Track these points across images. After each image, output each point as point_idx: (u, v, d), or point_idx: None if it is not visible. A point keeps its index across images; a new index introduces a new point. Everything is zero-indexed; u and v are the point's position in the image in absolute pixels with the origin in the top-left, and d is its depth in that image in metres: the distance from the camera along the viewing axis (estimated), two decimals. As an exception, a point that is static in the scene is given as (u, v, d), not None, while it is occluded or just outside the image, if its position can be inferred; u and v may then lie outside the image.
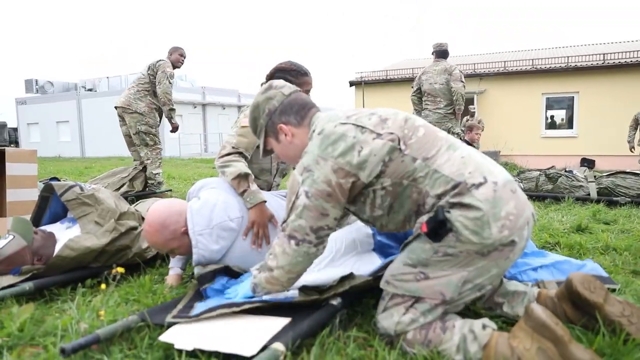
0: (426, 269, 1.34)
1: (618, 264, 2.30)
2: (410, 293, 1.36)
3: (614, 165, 10.18)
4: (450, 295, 1.33)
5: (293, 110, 1.57)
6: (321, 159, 1.38)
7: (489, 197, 1.29)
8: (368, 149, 1.36)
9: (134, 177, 4.83)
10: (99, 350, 1.38)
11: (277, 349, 1.24)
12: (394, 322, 1.36)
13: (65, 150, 25.26)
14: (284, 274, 1.46)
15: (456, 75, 5.46)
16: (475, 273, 1.33)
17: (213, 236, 1.80)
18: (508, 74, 12.70)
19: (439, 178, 1.34)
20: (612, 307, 1.37)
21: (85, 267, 2.09)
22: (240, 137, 2.17)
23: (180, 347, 1.30)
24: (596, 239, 2.85)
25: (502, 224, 1.28)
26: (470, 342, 1.28)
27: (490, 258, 1.31)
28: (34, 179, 3.35)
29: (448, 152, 1.39)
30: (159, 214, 1.83)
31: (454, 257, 1.31)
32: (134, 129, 4.84)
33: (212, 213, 1.83)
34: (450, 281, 1.32)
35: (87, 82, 28.07)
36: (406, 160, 1.36)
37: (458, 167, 1.35)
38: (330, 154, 1.37)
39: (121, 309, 1.72)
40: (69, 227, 2.31)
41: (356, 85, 14.58)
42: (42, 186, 2.39)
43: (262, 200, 1.98)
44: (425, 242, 1.34)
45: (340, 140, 1.37)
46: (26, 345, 1.46)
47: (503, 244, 1.30)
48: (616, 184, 4.49)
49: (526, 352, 1.20)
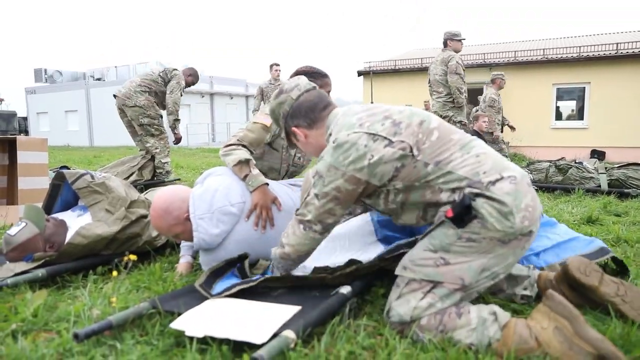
0: (447, 255, 1.36)
1: (630, 255, 2.28)
2: (429, 278, 1.37)
3: (625, 157, 10.05)
4: (469, 281, 1.35)
5: (302, 113, 1.63)
6: (333, 167, 1.44)
7: (509, 190, 1.33)
8: (378, 156, 1.39)
9: (142, 166, 4.86)
10: (111, 336, 1.40)
11: (288, 336, 1.24)
12: (410, 307, 1.37)
13: (74, 139, 25.45)
14: (293, 251, 1.59)
15: (452, 67, 5.41)
16: (494, 261, 1.35)
17: (213, 220, 1.82)
18: (518, 63, 12.54)
19: (451, 177, 1.38)
20: (606, 288, 1.46)
21: (96, 254, 2.12)
22: (248, 132, 2.19)
23: (191, 334, 1.31)
24: (607, 230, 2.83)
25: (523, 215, 1.32)
26: (490, 324, 1.31)
27: (510, 246, 1.34)
28: (44, 167, 3.39)
29: (462, 152, 1.42)
30: (163, 200, 1.85)
31: (477, 243, 1.34)
32: (137, 122, 4.83)
33: (213, 198, 1.86)
34: (471, 267, 1.35)
35: (95, 71, 28.14)
36: (418, 166, 1.40)
37: (473, 167, 1.38)
38: (342, 163, 1.42)
39: (132, 296, 1.74)
40: (80, 215, 2.34)
41: (364, 75, 14.48)
42: (53, 174, 2.41)
43: (263, 182, 2.00)
44: (449, 228, 1.36)
45: (352, 149, 1.41)
46: (40, 331, 1.48)
47: (523, 234, 1.34)
48: (627, 175, 4.44)
49: (543, 331, 1.25)
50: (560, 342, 1.22)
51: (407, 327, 1.38)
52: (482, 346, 1.30)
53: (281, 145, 2.41)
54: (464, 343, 1.31)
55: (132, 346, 1.34)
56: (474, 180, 1.35)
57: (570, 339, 1.22)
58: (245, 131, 2.20)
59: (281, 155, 2.43)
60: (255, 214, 1.94)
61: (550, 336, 1.24)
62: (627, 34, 14.76)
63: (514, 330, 1.27)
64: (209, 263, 1.88)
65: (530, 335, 1.25)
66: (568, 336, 1.22)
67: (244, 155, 2.05)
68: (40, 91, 27.79)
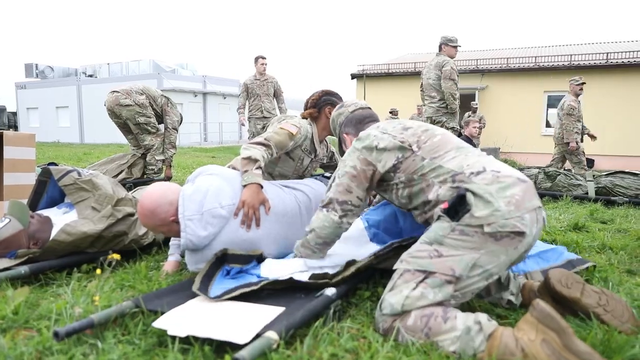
0: (440, 247, 1.44)
1: (614, 262, 2.31)
2: (422, 267, 1.44)
3: (615, 165, 10.18)
4: (459, 272, 1.40)
5: (352, 123, 2.02)
6: (352, 151, 1.74)
7: (489, 180, 1.45)
8: (383, 144, 1.67)
9: (132, 164, 4.82)
10: (92, 334, 1.38)
11: (271, 337, 1.24)
12: (402, 296, 1.41)
13: (64, 135, 25.18)
14: (314, 237, 1.76)
15: (446, 72, 5.34)
16: (485, 258, 1.41)
17: (202, 222, 1.80)
18: (510, 70, 12.66)
19: (441, 171, 1.56)
20: (588, 299, 1.48)
21: (81, 252, 2.09)
22: (274, 135, 2.26)
23: (174, 334, 1.30)
24: (593, 237, 2.86)
25: (508, 200, 1.41)
26: (475, 333, 1.30)
27: (501, 244, 1.40)
28: (32, 163, 3.34)
29: (455, 152, 1.61)
30: (150, 201, 1.84)
31: (469, 237, 1.41)
32: (133, 121, 4.80)
33: (203, 199, 1.84)
34: (462, 259, 1.41)
35: (87, 67, 27.90)
36: (416, 160, 1.62)
37: (459, 162, 1.56)
38: (358, 147, 1.72)
39: (116, 295, 1.72)
40: (65, 212, 2.31)
41: (358, 78, 14.52)
42: (40, 171, 2.38)
43: (257, 182, 1.99)
44: (443, 222, 1.47)
45: (367, 139, 1.72)
46: (20, 329, 1.46)
47: (514, 232, 1.39)
48: (614, 183, 4.50)
49: (530, 343, 1.24)
50: (548, 355, 1.21)
51: (397, 320, 1.39)
52: (466, 355, 1.29)
53: (298, 156, 2.49)
54: (448, 350, 1.31)
55: (114, 345, 1.33)
56: (458, 172, 1.52)
57: (558, 352, 1.20)
58: (272, 133, 2.27)
59: (295, 165, 2.50)
60: (243, 212, 1.92)
61: (538, 349, 1.22)
62: (617, 44, 14.97)
63: (500, 340, 1.27)
64: (195, 263, 1.87)
65: (516, 346, 1.25)
66: (556, 349, 1.21)
67: (256, 154, 2.09)
68: (30, 86, 27.47)
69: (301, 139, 2.40)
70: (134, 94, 4.77)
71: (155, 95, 4.97)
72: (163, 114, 5.03)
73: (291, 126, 2.32)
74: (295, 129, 2.33)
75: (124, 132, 5.02)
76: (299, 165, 2.53)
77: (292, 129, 2.32)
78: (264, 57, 6.72)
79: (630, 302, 1.69)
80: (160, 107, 4.99)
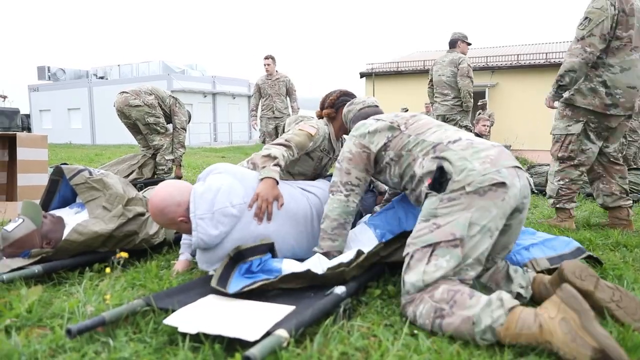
0: (437, 219, 1.54)
1: (628, 260, 2.27)
2: (427, 242, 1.53)
3: (627, 161, 10.02)
4: (460, 233, 1.48)
5: (359, 120, 2.16)
6: (349, 139, 1.98)
7: (464, 146, 1.63)
8: (374, 127, 1.91)
9: (143, 164, 4.87)
10: (104, 332, 1.39)
11: (281, 335, 1.24)
12: (420, 273, 1.49)
13: (76, 137, 25.49)
14: (328, 222, 1.93)
15: (463, 70, 5.26)
16: (478, 214, 1.49)
17: (213, 221, 1.80)
18: (521, 67, 12.53)
19: (424, 144, 1.74)
20: (602, 293, 1.46)
21: (93, 251, 2.12)
22: (294, 136, 2.30)
23: (184, 331, 1.31)
24: (606, 235, 2.81)
25: (482, 160, 1.55)
26: (496, 307, 1.34)
27: (487, 197, 1.49)
28: (44, 164, 3.39)
29: (437, 129, 1.81)
30: (159, 200, 1.84)
31: (457, 201, 1.52)
32: (142, 121, 4.85)
33: (214, 198, 1.84)
34: (458, 222, 1.50)
35: (98, 69, 28.21)
36: (403, 137, 1.83)
37: (439, 135, 1.75)
38: (353, 134, 1.97)
39: (127, 294, 1.74)
40: (77, 211, 2.34)
41: (367, 77, 14.48)
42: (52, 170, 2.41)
43: (274, 177, 2.02)
44: (432, 197, 1.59)
45: (361, 127, 1.96)
46: (34, 327, 1.48)
47: (494, 184, 1.50)
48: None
49: (550, 320, 1.27)
50: (565, 333, 1.23)
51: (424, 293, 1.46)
52: (481, 323, 1.32)
53: (317, 156, 2.53)
54: (464, 315, 1.35)
55: (125, 343, 1.34)
56: (438, 143, 1.69)
57: (575, 331, 1.23)
58: (292, 135, 2.31)
59: (314, 164, 2.55)
60: (257, 205, 1.94)
61: (556, 326, 1.25)
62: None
63: (519, 315, 1.30)
64: (206, 262, 1.88)
65: (534, 322, 1.28)
66: (574, 328, 1.23)
67: (276, 153, 2.12)
68: (43, 89, 27.85)
69: (320, 140, 2.44)
70: (143, 94, 4.82)
71: (164, 95, 5.02)
72: (171, 114, 5.08)
73: (310, 127, 2.38)
74: (314, 130, 2.38)
75: (133, 132, 5.06)
76: (318, 165, 2.58)
77: (311, 130, 2.37)
78: (268, 56, 6.63)
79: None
80: (168, 107, 5.04)
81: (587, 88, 2.86)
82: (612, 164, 3.07)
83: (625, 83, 2.79)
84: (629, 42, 2.74)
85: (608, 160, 3.07)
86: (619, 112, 2.84)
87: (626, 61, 2.76)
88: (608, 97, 2.81)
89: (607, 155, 3.05)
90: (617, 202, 3.05)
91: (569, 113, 2.97)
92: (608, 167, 3.08)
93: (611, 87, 2.80)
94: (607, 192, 3.08)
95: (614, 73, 2.78)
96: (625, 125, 3.01)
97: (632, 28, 2.72)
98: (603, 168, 3.09)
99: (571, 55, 2.79)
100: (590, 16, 2.73)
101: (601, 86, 2.82)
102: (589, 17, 2.73)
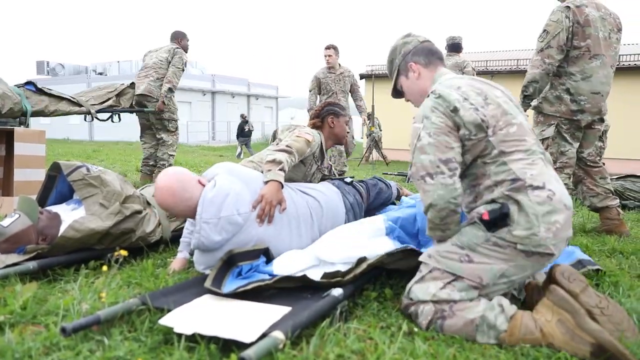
0: (472, 253, 1.49)
1: (624, 267, 2.27)
2: (451, 270, 1.50)
3: (625, 168, 10.06)
4: (487, 281, 1.47)
5: (423, 53, 1.84)
6: (431, 109, 1.59)
7: (542, 200, 1.45)
8: (464, 113, 1.55)
9: (121, 93, 4.62)
10: (99, 331, 1.39)
11: (277, 337, 1.23)
12: (429, 293, 1.49)
13: (74, 133, 25.41)
14: (435, 212, 1.54)
15: (468, 73, 5.38)
16: (513, 270, 1.47)
17: (218, 227, 1.80)
18: (520, 72, 12.55)
19: (504, 171, 1.51)
20: (587, 298, 1.48)
21: (89, 248, 2.11)
22: (294, 142, 2.30)
23: (180, 331, 1.30)
24: (603, 241, 2.82)
25: (548, 227, 1.44)
26: (498, 313, 1.40)
27: (531, 260, 1.46)
28: (41, 159, 3.37)
29: (524, 154, 1.54)
30: (169, 194, 1.85)
31: (501, 249, 1.46)
32: (157, 115, 4.89)
33: (222, 203, 1.83)
34: (492, 269, 1.47)
35: (97, 65, 28.14)
36: (488, 146, 1.54)
37: (524, 167, 1.51)
38: (438, 106, 1.58)
39: (123, 292, 1.73)
40: (74, 208, 2.32)
41: (366, 79, 14.49)
42: (49, 166, 2.39)
43: (279, 180, 2.02)
44: (479, 229, 1.50)
45: (448, 99, 1.58)
46: (28, 324, 1.47)
47: (545, 253, 1.45)
48: (625, 187, 4.44)
49: (547, 323, 1.37)
50: (563, 333, 1.34)
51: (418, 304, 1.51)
52: (484, 325, 1.39)
53: (309, 163, 2.55)
54: (467, 317, 1.41)
55: (120, 342, 1.33)
56: (519, 178, 1.48)
57: (572, 330, 1.34)
58: (292, 141, 2.31)
59: (305, 170, 2.56)
60: (260, 206, 1.94)
61: (554, 327, 1.36)
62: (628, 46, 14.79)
63: (521, 321, 1.38)
64: (203, 263, 1.88)
65: (535, 327, 1.36)
66: (570, 328, 1.34)
67: (280, 157, 2.12)
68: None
69: (315, 146, 2.46)
70: (156, 91, 4.84)
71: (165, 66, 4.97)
72: None
73: (306, 134, 2.40)
74: (310, 136, 2.40)
75: (143, 126, 5.11)
76: (308, 172, 2.59)
77: (308, 136, 2.39)
78: (329, 46, 5.60)
79: (640, 306, 1.67)
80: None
81: (553, 96, 2.99)
82: (589, 167, 3.18)
83: (589, 90, 2.91)
84: (587, 51, 2.87)
85: (585, 164, 3.18)
86: (586, 117, 2.96)
87: (587, 69, 2.90)
88: (573, 104, 2.93)
89: (583, 160, 3.16)
90: (604, 202, 3.13)
91: (541, 119, 3.09)
92: (587, 169, 3.19)
93: (574, 94, 2.92)
94: (592, 194, 3.18)
95: (575, 81, 2.91)
96: (597, 130, 3.12)
97: (590, 37, 2.85)
98: (583, 171, 3.21)
99: (532, 67, 2.94)
100: (547, 29, 2.88)
101: (565, 93, 2.94)
102: (547, 30, 2.89)
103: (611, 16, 2.95)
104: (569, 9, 2.85)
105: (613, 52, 2.96)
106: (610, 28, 2.92)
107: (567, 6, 2.87)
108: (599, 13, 2.89)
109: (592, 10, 2.88)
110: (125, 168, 6.60)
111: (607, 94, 2.99)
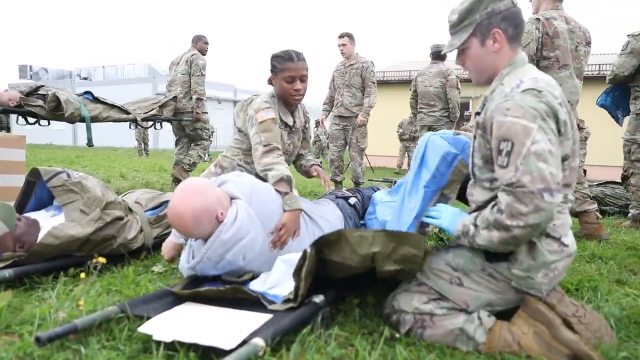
0: (464, 277, 1.48)
1: (603, 272, 2.31)
2: (439, 290, 1.50)
3: (606, 175, 10.25)
4: (472, 308, 1.47)
5: (515, 22, 1.46)
6: (550, 114, 1.32)
7: (554, 250, 1.42)
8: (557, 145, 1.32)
9: (164, 104, 4.92)
10: (76, 340, 1.36)
11: (257, 344, 1.22)
12: (412, 305, 1.50)
13: (57, 138, 25.00)
14: (530, 232, 1.29)
15: (452, 81, 5.36)
16: (500, 301, 1.48)
17: (218, 265, 1.76)
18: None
19: None
20: (564, 308, 1.48)
21: (68, 255, 2.07)
22: (266, 133, 2.16)
23: (159, 339, 1.28)
24: (583, 247, 2.86)
25: (546, 273, 1.42)
26: (477, 325, 1.42)
27: (520, 295, 1.46)
28: (21, 165, 3.31)
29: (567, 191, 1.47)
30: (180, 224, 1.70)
31: (495, 280, 1.45)
32: (190, 127, 5.19)
33: (232, 247, 1.74)
34: (479, 297, 1.47)
35: (82, 70, 27.83)
36: None
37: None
38: (550, 116, 1.33)
39: (102, 299, 1.70)
40: (54, 215, 2.28)
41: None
42: (29, 172, 2.35)
43: (300, 208, 1.98)
44: (477, 257, 1.47)
45: (547, 98, 1.32)
46: (1, 333, 1.43)
47: (535, 294, 1.45)
48: (605, 193, 4.53)
49: (523, 336, 1.38)
50: (540, 345, 1.35)
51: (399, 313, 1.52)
52: (463, 336, 1.41)
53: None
54: (447, 328, 1.43)
55: (97, 351, 1.30)
56: None
57: (548, 342, 1.35)
58: (262, 134, 2.15)
59: (284, 148, 2.38)
60: (279, 234, 1.89)
61: (531, 340, 1.37)
62: (608, 55, 15.13)
63: (499, 334, 1.39)
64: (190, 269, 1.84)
65: (513, 340, 1.38)
66: (546, 340, 1.35)
67: (285, 171, 2.04)
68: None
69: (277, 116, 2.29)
70: (189, 104, 5.13)
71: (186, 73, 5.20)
72: None
73: (266, 113, 2.19)
74: (271, 112, 2.20)
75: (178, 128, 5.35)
76: (287, 148, 2.42)
77: (269, 114, 2.19)
78: (342, 34, 5.04)
79: (619, 311, 1.69)
80: None
81: None
82: None
83: None
84: (556, 61, 2.96)
85: None
86: None
87: (555, 78, 2.99)
88: None
89: None
90: (582, 206, 3.21)
91: None
92: None
93: None
94: None
95: None
96: None
97: (559, 48, 2.96)
98: None
99: None
100: None
101: None
102: None
103: (580, 30, 3.06)
104: (539, 20, 2.96)
105: (579, 65, 3.08)
106: (578, 41, 3.04)
107: (537, 18, 2.97)
108: (568, 26, 3.01)
109: (561, 23, 2.99)
110: (109, 174, 6.51)
111: (576, 103, 3.10)
